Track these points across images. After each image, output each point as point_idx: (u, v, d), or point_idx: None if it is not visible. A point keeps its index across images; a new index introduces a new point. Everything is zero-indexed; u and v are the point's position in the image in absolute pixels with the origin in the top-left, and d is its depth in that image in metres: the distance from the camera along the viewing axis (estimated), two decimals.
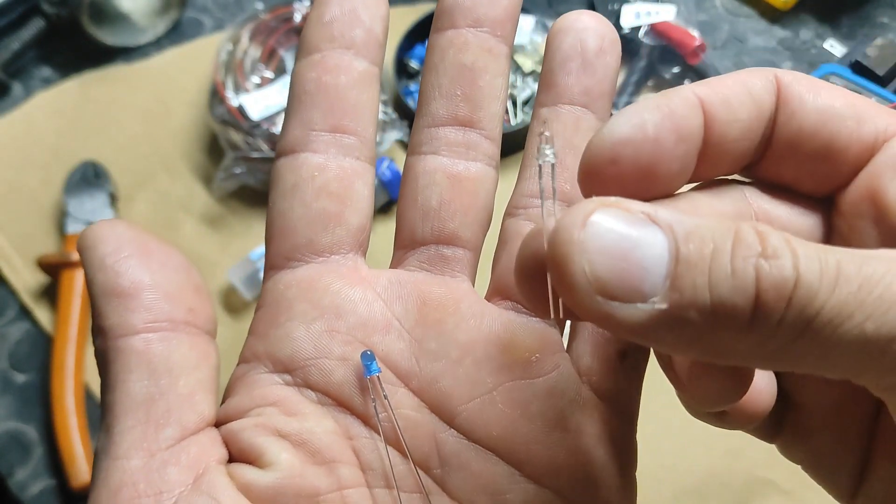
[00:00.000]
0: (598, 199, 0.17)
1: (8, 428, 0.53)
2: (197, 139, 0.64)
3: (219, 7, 0.71)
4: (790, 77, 0.20)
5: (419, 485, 0.22)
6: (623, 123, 0.19)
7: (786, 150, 0.20)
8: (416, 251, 0.24)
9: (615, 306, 0.16)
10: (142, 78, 0.67)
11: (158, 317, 0.21)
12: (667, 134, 0.19)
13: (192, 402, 0.21)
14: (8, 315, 0.58)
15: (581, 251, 0.16)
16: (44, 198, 0.62)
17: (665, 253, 0.16)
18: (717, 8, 0.68)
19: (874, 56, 0.57)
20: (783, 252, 0.16)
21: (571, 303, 0.16)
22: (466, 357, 0.22)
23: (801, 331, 0.16)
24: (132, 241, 0.22)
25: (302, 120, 0.24)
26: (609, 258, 0.16)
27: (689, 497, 0.48)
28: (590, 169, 0.19)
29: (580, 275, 0.16)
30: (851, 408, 0.21)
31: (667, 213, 0.16)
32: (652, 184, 0.19)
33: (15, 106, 0.66)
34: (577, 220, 0.16)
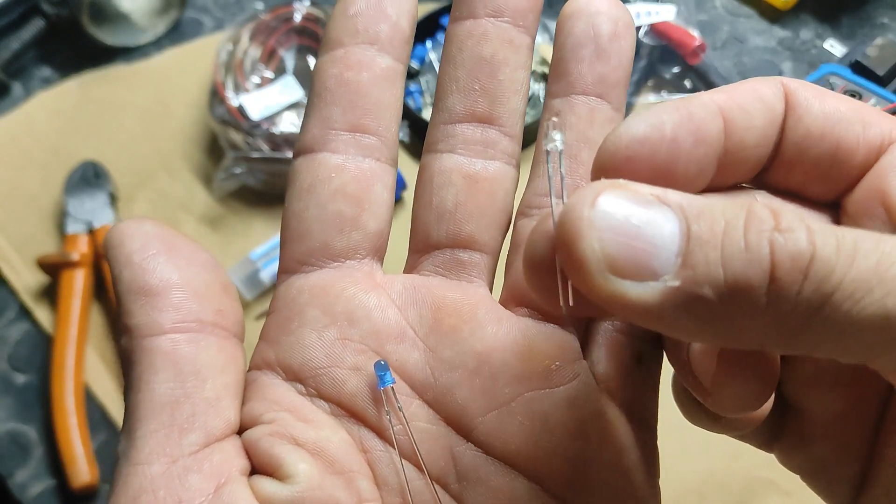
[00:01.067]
0: (607, 181, 0.17)
1: (8, 429, 0.53)
2: (197, 139, 0.64)
3: (219, 7, 0.71)
4: (796, 84, 0.20)
5: (436, 501, 0.21)
6: (640, 122, 0.18)
7: (794, 156, 0.20)
8: (430, 255, 0.23)
9: (626, 285, 0.16)
10: (142, 78, 0.67)
11: (187, 317, 0.21)
12: (685, 135, 0.18)
13: (218, 408, 0.21)
14: (8, 315, 0.58)
15: (591, 228, 0.16)
16: (44, 198, 0.62)
17: (676, 230, 0.16)
18: (717, 8, 0.68)
19: (874, 56, 0.57)
20: (797, 226, 0.15)
21: (581, 283, 0.16)
22: (483, 367, 0.21)
23: (818, 307, 0.15)
24: (160, 238, 0.21)
25: (321, 118, 0.23)
26: (619, 235, 0.16)
27: (689, 497, 0.48)
28: (604, 166, 0.19)
29: (590, 252, 0.16)
30: (854, 415, 0.21)
31: (676, 195, 0.16)
32: (668, 185, 0.18)
33: (15, 106, 0.66)
34: (586, 199, 0.16)
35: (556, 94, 0.23)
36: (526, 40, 0.23)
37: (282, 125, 0.57)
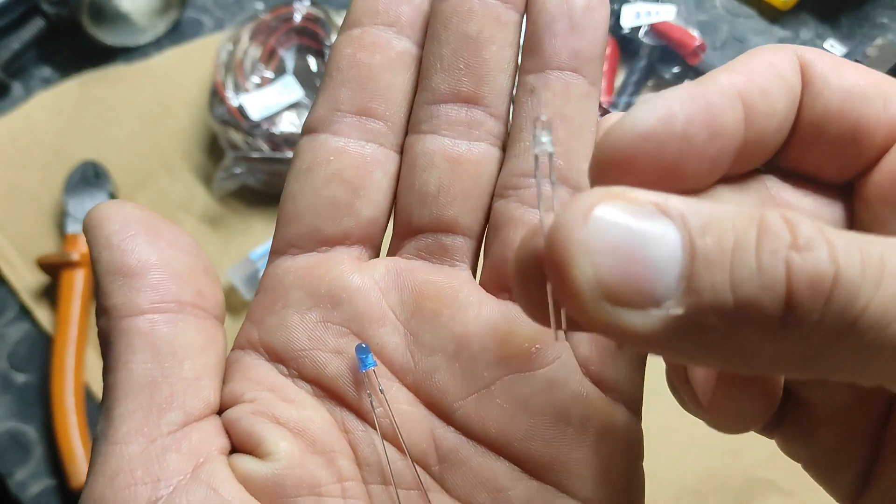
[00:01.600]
0: (602, 189, 0.15)
1: (8, 428, 0.53)
2: (197, 139, 0.64)
3: (219, 7, 0.71)
4: (812, 55, 0.18)
5: (417, 482, 0.21)
6: (648, 114, 0.16)
7: (810, 135, 0.18)
8: (414, 239, 0.23)
9: (624, 314, 0.14)
10: (142, 78, 0.67)
11: (165, 297, 0.20)
12: (698, 129, 0.16)
13: (196, 388, 0.20)
14: (8, 315, 0.58)
15: (583, 252, 0.14)
16: (44, 198, 0.62)
17: (678, 249, 0.14)
18: (717, 8, 0.68)
19: (874, 56, 0.57)
20: (817, 242, 0.14)
21: (574, 311, 0.14)
22: (463, 351, 0.21)
23: (841, 334, 0.13)
24: (140, 220, 0.21)
25: (329, 98, 0.22)
26: (615, 259, 0.14)
27: (689, 497, 0.48)
28: (604, 164, 0.17)
29: (583, 279, 0.14)
30: (861, 405, 0.19)
31: (679, 202, 0.14)
32: (675, 183, 0.17)
33: (15, 106, 0.66)
34: (577, 215, 0.14)
35: (530, 70, 0.22)
36: (514, 17, 0.22)
37: (282, 125, 0.57)
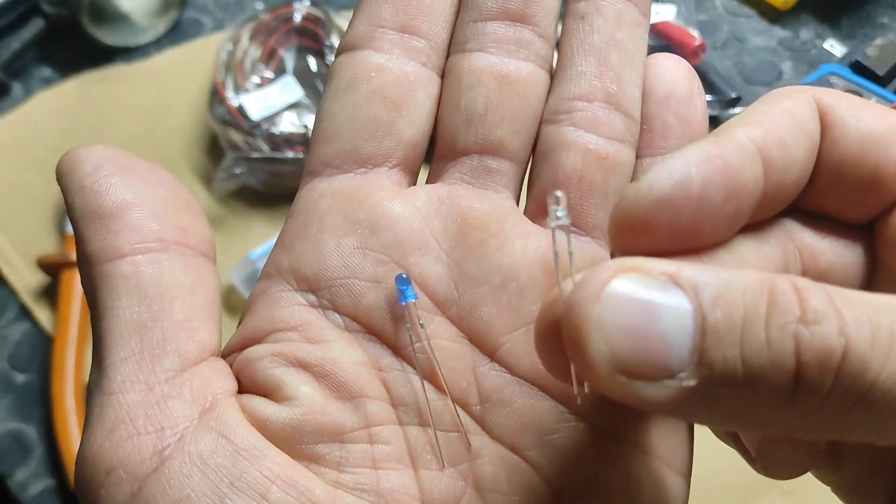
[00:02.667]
0: (615, 263, 0.15)
1: (8, 428, 0.53)
2: (197, 139, 0.64)
3: (219, 7, 0.71)
4: (830, 99, 0.18)
5: (457, 423, 0.20)
6: (665, 179, 0.16)
7: (829, 180, 0.18)
8: (457, 162, 0.22)
9: (639, 386, 0.14)
10: (142, 78, 0.67)
11: (146, 237, 0.19)
12: (715, 192, 0.16)
13: (189, 330, 0.19)
14: (8, 315, 0.58)
15: (598, 329, 0.14)
16: (44, 198, 0.62)
17: (690, 322, 0.14)
18: (717, 8, 0.68)
19: (874, 56, 0.57)
20: (827, 315, 0.14)
21: (591, 382, 0.15)
22: (510, 282, 0.20)
23: (851, 404, 0.14)
24: (112, 159, 0.20)
25: (370, 15, 0.21)
26: (629, 335, 0.14)
27: (691, 496, 0.48)
28: (621, 227, 0.17)
29: (598, 355, 0.14)
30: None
31: (691, 272, 0.15)
32: (691, 242, 0.17)
33: (15, 106, 0.66)
34: (591, 293, 0.15)
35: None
36: None
37: (282, 125, 0.57)
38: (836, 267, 0.18)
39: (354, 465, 0.19)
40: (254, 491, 0.17)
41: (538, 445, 0.20)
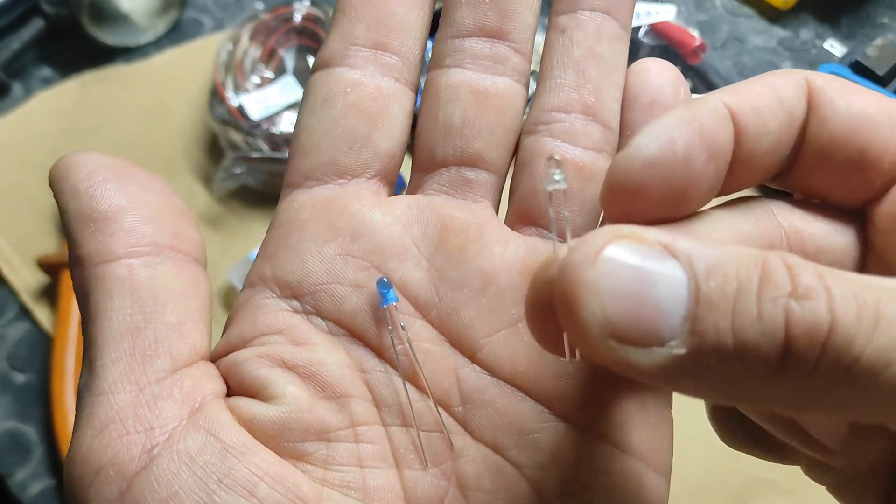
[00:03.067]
0: (611, 229, 0.15)
1: (8, 428, 0.53)
2: (197, 139, 0.64)
3: (219, 7, 0.71)
4: (821, 81, 0.18)
5: (439, 423, 0.20)
6: (651, 142, 0.17)
7: (816, 160, 0.19)
8: (436, 173, 0.22)
9: (630, 351, 0.15)
10: (142, 78, 0.67)
11: (141, 241, 0.20)
12: (697, 152, 0.17)
13: (181, 332, 0.19)
14: (8, 315, 0.58)
15: (592, 293, 0.15)
16: (43, 198, 0.62)
17: (684, 291, 0.15)
18: (717, 8, 0.68)
19: (874, 56, 0.57)
20: (816, 291, 0.14)
21: (582, 347, 0.15)
22: (490, 286, 0.21)
23: (837, 378, 0.14)
24: (107, 166, 0.20)
25: (343, 33, 0.22)
26: (623, 300, 0.15)
27: (689, 496, 0.48)
28: (614, 192, 0.18)
29: (591, 318, 0.15)
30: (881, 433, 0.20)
31: (686, 243, 0.15)
32: (679, 204, 0.18)
33: (15, 106, 0.66)
34: (587, 256, 0.15)
35: (562, 11, 0.22)
36: None
37: (282, 125, 0.57)
38: (824, 250, 0.19)
39: (341, 463, 0.19)
40: (242, 487, 0.18)
41: (519, 445, 0.20)
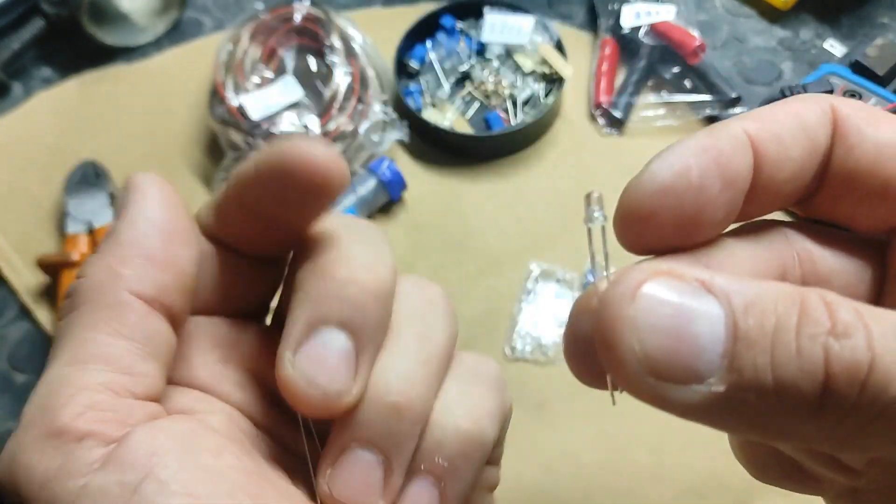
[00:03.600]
0: (650, 265, 0.16)
1: (7, 428, 0.53)
2: (197, 139, 0.64)
3: (219, 7, 0.71)
4: (847, 109, 0.18)
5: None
6: (665, 169, 0.17)
7: (840, 188, 0.18)
8: None
9: (669, 388, 0.15)
10: (142, 78, 0.67)
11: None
12: (712, 180, 0.17)
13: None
14: (8, 315, 0.58)
15: (631, 329, 0.15)
16: (44, 198, 0.62)
17: (722, 328, 0.15)
18: (717, 8, 0.68)
19: (874, 56, 0.57)
20: (855, 329, 0.14)
21: (621, 383, 0.16)
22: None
23: (874, 416, 0.14)
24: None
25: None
26: (661, 336, 0.15)
27: (689, 496, 0.48)
28: (628, 217, 0.18)
29: (630, 355, 0.15)
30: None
31: (724, 280, 0.15)
32: (693, 231, 0.18)
33: (15, 106, 0.66)
34: (626, 292, 0.15)
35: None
36: None
37: (282, 125, 0.57)
38: (837, 273, 0.19)
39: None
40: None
41: None
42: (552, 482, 0.49)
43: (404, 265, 0.57)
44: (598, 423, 0.51)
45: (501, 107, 0.62)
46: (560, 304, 0.54)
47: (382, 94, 0.60)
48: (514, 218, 0.59)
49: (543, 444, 0.50)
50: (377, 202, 0.58)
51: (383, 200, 0.59)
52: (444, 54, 0.63)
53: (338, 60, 0.58)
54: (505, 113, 0.62)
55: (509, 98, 0.62)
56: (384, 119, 0.59)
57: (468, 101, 0.63)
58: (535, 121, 0.59)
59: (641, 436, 0.50)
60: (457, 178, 0.61)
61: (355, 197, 0.57)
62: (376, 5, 0.70)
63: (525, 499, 0.49)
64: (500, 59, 0.63)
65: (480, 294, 0.56)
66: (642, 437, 0.50)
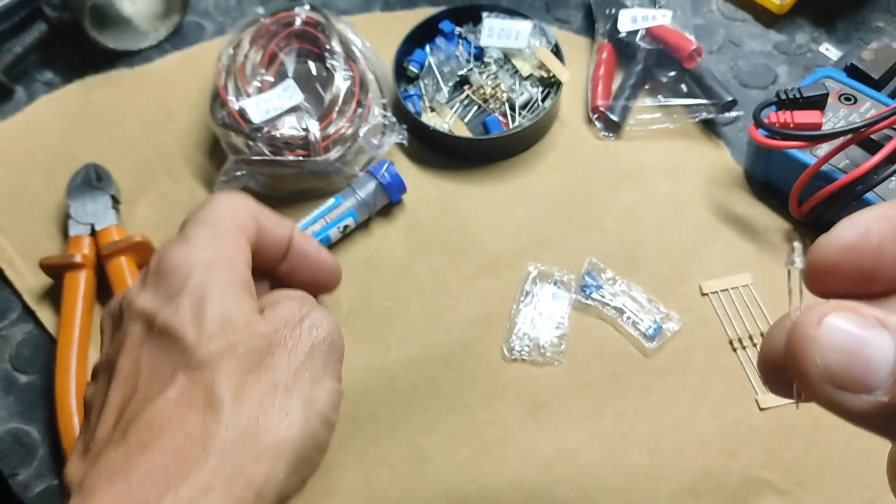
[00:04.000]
0: (835, 302, 0.20)
1: (11, 428, 0.54)
2: (199, 142, 0.64)
3: (220, 11, 0.72)
4: None
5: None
6: (850, 231, 0.21)
7: None
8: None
9: (842, 395, 0.19)
10: (144, 82, 0.68)
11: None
12: (890, 243, 0.21)
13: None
14: (11, 317, 0.58)
15: (815, 346, 0.19)
16: (46, 200, 0.62)
17: (891, 355, 0.18)
18: (714, 12, 0.69)
19: (869, 60, 0.58)
20: None
21: (804, 390, 0.19)
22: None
23: None
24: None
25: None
26: (839, 354, 0.19)
27: (685, 497, 0.49)
28: (815, 269, 0.22)
29: (813, 366, 0.19)
30: None
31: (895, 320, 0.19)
32: (871, 283, 0.21)
33: (18, 109, 0.67)
34: (813, 319, 0.19)
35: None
36: None
37: (282, 129, 0.57)
38: None
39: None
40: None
41: None
42: (549, 481, 0.50)
43: (404, 267, 0.58)
44: (595, 423, 0.51)
45: (500, 110, 0.62)
46: (557, 306, 0.55)
47: (382, 97, 0.61)
48: (511, 220, 0.59)
49: (541, 443, 0.51)
50: (377, 205, 0.59)
51: (383, 203, 0.59)
52: (443, 58, 0.64)
53: (338, 64, 0.59)
54: (503, 116, 0.62)
55: (507, 102, 0.62)
56: (384, 122, 0.60)
57: (467, 105, 0.63)
58: (532, 124, 0.60)
59: (638, 436, 0.51)
60: (456, 181, 0.61)
61: (355, 200, 0.58)
62: (376, 10, 0.71)
63: (522, 497, 0.49)
64: (498, 63, 0.63)
65: (479, 295, 0.56)
66: (639, 437, 0.51)
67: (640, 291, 0.55)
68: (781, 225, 0.58)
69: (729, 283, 0.55)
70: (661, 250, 0.57)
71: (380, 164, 0.59)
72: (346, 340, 0.56)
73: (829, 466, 0.49)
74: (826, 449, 0.49)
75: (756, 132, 0.53)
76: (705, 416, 0.51)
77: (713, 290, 0.55)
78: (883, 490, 0.48)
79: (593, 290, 0.55)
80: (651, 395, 0.52)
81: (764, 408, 0.51)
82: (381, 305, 0.56)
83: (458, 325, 0.55)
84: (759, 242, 0.57)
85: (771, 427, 0.50)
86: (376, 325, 0.55)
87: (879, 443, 0.52)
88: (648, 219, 0.59)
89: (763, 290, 0.55)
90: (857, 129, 0.50)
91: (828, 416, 0.55)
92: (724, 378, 0.52)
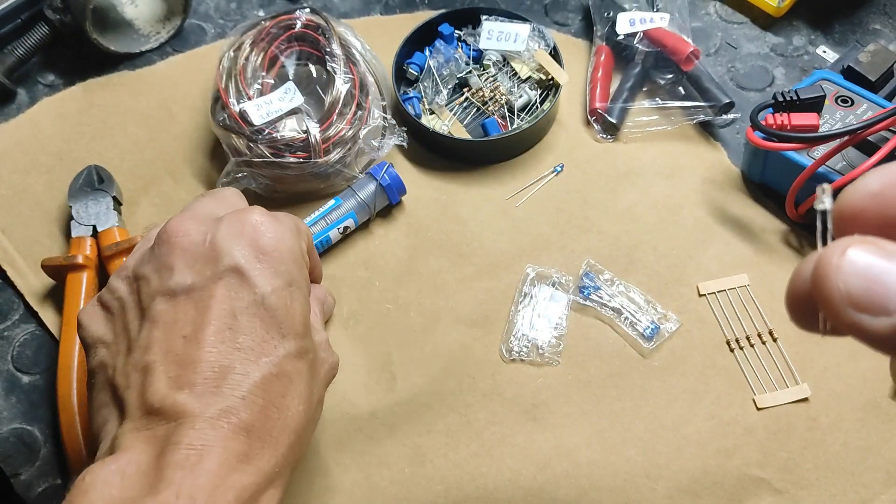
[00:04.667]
0: (858, 236, 0.21)
1: (14, 428, 0.54)
2: (200, 144, 0.65)
3: (221, 15, 0.72)
4: None
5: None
6: (876, 179, 0.23)
7: None
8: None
9: (864, 318, 0.20)
10: (146, 84, 0.68)
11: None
12: None
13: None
14: (13, 317, 0.58)
15: (838, 272, 0.21)
16: (49, 202, 0.62)
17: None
18: (711, 15, 0.69)
19: (866, 62, 0.58)
20: None
21: (828, 313, 0.21)
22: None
23: None
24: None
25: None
26: (860, 279, 0.20)
27: (682, 496, 0.49)
28: (842, 214, 0.23)
29: (836, 290, 0.20)
30: None
31: None
32: (893, 230, 0.22)
33: (20, 112, 0.67)
34: (837, 250, 0.21)
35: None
36: None
37: (283, 130, 0.58)
38: None
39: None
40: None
41: None
42: (548, 480, 0.50)
43: (404, 267, 0.58)
44: (594, 423, 0.52)
45: (498, 113, 0.63)
46: (555, 307, 0.55)
47: (382, 100, 0.61)
48: (510, 222, 0.60)
49: (539, 443, 0.51)
50: (377, 206, 0.59)
51: (383, 204, 0.60)
52: (443, 61, 0.64)
53: (338, 67, 0.59)
54: (502, 119, 0.62)
55: (506, 104, 0.63)
56: (383, 124, 0.60)
57: (466, 107, 0.64)
58: (531, 126, 0.60)
59: (636, 436, 0.51)
60: (455, 183, 0.62)
61: (355, 201, 0.58)
62: (376, 13, 0.71)
63: (521, 496, 0.49)
64: (497, 65, 0.64)
65: (477, 296, 0.57)
66: (636, 436, 0.51)
67: (637, 292, 0.56)
68: (778, 226, 0.58)
69: (726, 284, 0.56)
70: (659, 251, 0.58)
71: (380, 165, 0.59)
72: (346, 341, 0.56)
73: (826, 465, 0.49)
74: (822, 448, 0.50)
75: (753, 134, 0.53)
76: (702, 415, 0.51)
77: (710, 291, 0.56)
78: (879, 489, 0.48)
79: (591, 290, 0.56)
80: (649, 395, 0.52)
81: (761, 407, 0.51)
82: (381, 306, 0.57)
83: (457, 326, 0.55)
84: (756, 244, 0.57)
85: (768, 426, 0.51)
86: (376, 326, 0.56)
87: (875, 442, 0.52)
88: (646, 220, 0.59)
89: (760, 291, 0.55)
90: (853, 131, 0.50)
91: (824, 415, 0.56)
92: (721, 378, 0.53)
